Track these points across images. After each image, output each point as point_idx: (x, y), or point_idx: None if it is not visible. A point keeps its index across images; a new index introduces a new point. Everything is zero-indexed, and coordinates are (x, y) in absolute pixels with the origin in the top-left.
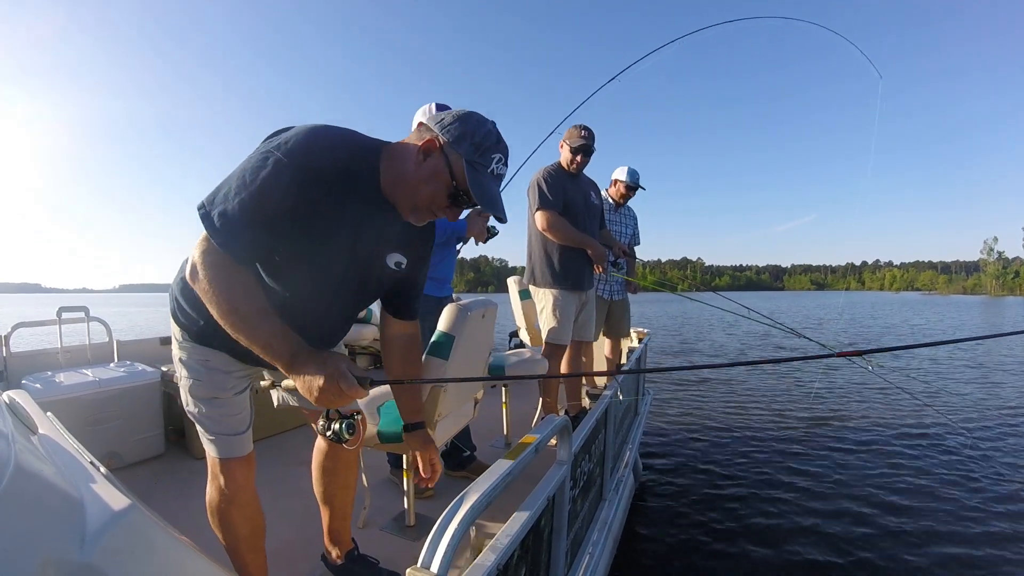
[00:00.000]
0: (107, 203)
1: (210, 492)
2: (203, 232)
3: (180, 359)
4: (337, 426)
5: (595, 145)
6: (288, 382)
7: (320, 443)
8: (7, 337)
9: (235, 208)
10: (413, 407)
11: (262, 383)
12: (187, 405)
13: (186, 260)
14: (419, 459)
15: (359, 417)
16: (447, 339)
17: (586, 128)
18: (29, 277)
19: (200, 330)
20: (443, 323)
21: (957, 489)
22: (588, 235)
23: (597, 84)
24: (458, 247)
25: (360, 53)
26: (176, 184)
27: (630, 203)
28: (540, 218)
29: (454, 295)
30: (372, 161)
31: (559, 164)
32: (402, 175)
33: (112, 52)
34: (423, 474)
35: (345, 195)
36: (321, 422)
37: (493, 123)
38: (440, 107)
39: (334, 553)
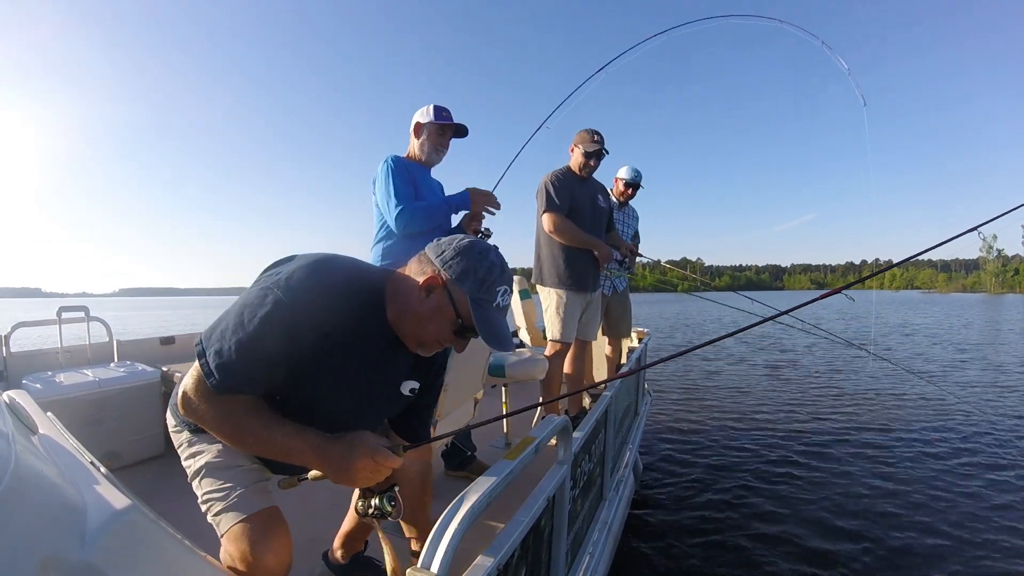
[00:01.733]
0: (106, 205)
1: (232, 560)
2: (197, 366)
3: (193, 454)
4: (377, 501)
5: (607, 149)
6: (315, 472)
7: None
8: (7, 337)
9: (231, 349)
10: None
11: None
12: (203, 490)
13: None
14: None
15: (396, 489)
16: None
17: (598, 133)
18: (29, 281)
19: None
20: None
21: (979, 500)
22: (594, 237)
23: (587, 81)
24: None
25: (355, 53)
26: (175, 186)
27: (633, 203)
28: (547, 220)
29: None
30: (378, 297)
31: (568, 167)
32: (405, 311)
33: (113, 55)
34: None
35: (351, 335)
36: (359, 503)
37: (496, 251)
38: (438, 109)
39: (340, 554)
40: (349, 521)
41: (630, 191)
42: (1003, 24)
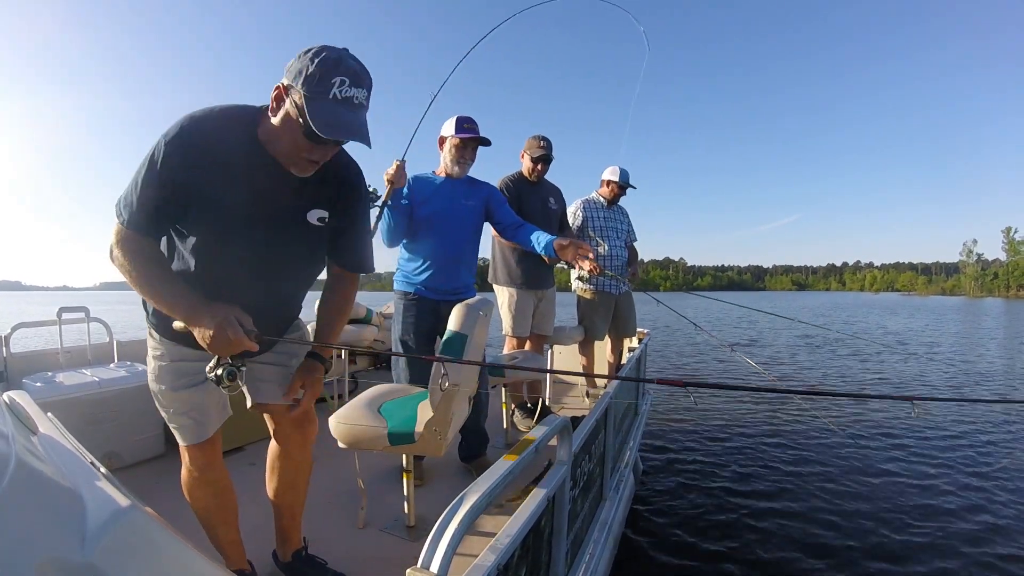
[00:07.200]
0: (85, 198)
1: (183, 474)
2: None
3: (153, 356)
4: (220, 371)
5: (553, 154)
6: (179, 324)
7: (272, 444)
8: (7, 337)
9: (131, 191)
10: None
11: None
12: (159, 399)
13: None
14: (304, 388)
15: (243, 369)
16: (460, 338)
17: (545, 139)
18: (9, 275)
19: (165, 323)
20: (455, 323)
21: (980, 495)
22: None
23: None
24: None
25: (358, 52)
26: None
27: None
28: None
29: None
30: (250, 127)
31: (520, 173)
32: (268, 131)
33: (96, 49)
34: (294, 395)
35: (232, 163)
36: (210, 364)
37: (343, 50)
38: (461, 121)
39: (281, 552)
40: (274, 514)
41: (614, 188)
42: (1000, 22)
